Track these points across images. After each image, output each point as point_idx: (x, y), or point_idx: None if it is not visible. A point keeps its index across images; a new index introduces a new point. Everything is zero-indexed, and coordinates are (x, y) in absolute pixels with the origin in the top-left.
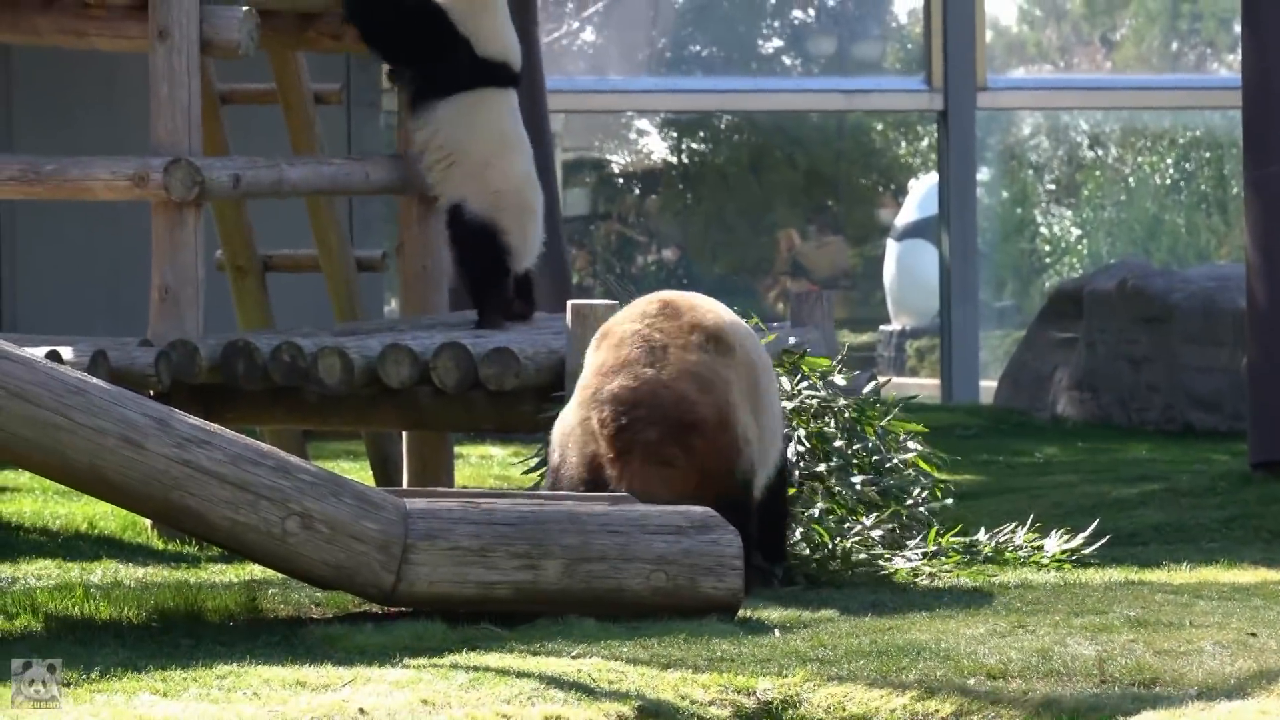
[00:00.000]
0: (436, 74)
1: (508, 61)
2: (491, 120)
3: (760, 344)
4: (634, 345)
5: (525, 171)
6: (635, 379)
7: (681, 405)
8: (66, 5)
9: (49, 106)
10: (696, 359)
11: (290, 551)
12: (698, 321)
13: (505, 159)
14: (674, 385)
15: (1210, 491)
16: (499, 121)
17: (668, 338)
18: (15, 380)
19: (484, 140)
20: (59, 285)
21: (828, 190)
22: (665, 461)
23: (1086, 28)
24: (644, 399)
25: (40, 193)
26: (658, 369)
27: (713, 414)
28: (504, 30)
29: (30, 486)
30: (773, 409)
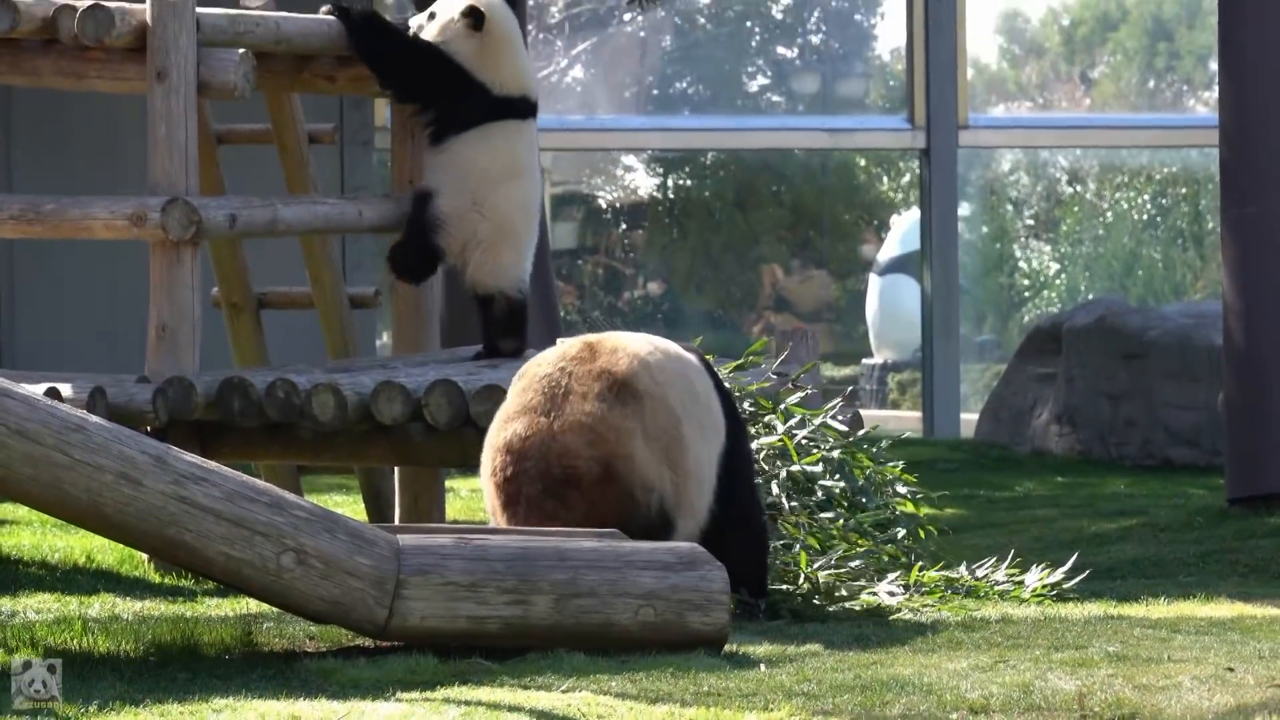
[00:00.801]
0: (454, 110)
1: (524, 93)
2: (509, 152)
3: (697, 382)
4: (538, 391)
5: (522, 200)
6: (529, 428)
7: (564, 459)
8: (66, 47)
9: (48, 146)
10: (591, 409)
11: (285, 587)
12: (607, 368)
13: (502, 189)
14: (561, 437)
15: (1188, 526)
16: (518, 153)
17: (574, 383)
18: (16, 417)
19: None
20: (57, 323)
21: (812, 226)
22: (548, 515)
23: (1065, 65)
24: (532, 450)
25: (40, 232)
26: (551, 418)
27: (596, 469)
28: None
29: (29, 520)
30: (701, 450)
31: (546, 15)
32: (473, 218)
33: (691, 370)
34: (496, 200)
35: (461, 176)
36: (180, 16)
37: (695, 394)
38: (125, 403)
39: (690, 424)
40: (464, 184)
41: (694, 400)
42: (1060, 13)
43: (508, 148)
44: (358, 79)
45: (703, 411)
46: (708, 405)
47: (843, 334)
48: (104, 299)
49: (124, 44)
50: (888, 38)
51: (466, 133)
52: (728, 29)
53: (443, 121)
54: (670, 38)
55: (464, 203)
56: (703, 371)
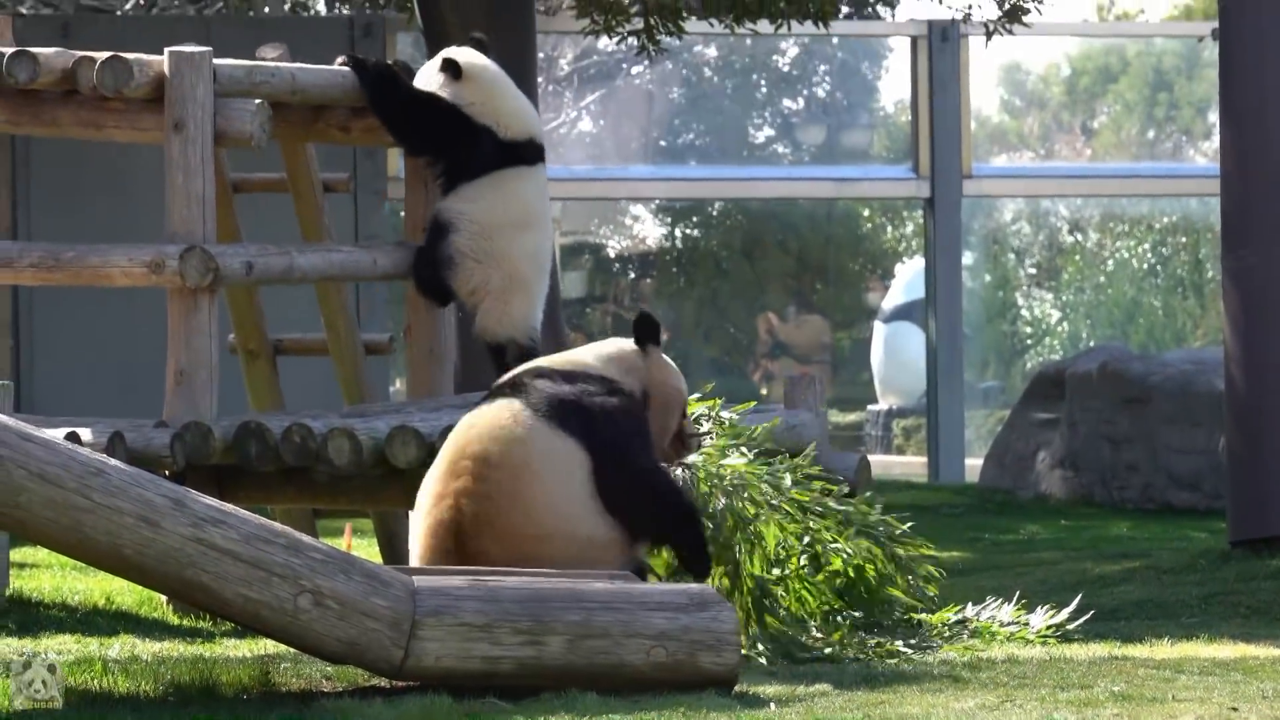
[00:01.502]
0: (463, 159)
1: (530, 137)
2: (520, 200)
3: (532, 447)
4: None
5: (533, 249)
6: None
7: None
8: (85, 98)
9: (66, 195)
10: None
11: (302, 628)
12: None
13: (516, 239)
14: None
15: (1190, 569)
16: (529, 200)
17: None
18: (37, 461)
19: (507, 223)
20: (77, 368)
21: (818, 274)
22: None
23: (1067, 116)
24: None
25: (60, 279)
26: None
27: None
28: (521, 107)
29: (49, 563)
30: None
31: (556, 68)
32: (485, 266)
33: (519, 443)
34: (509, 250)
35: (473, 225)
36: (197, 68)
37: (534, 456)
38: (144, 447)
39: (533, 480)
40: (476, 232)
41: (528, 464)
42: (1061, 64)
43: (518, 196)
44: (371, 129)
45: (535, 473)
46: (539, 464)
47: (848, 380)
48: (122, 345)
49: (142, 95)
50: (892, 90)
51: (477, 180)
52: (734, 81)
53: (453, 172)
54: (678, 89)
55: (476, 249)
56: (532, 432)
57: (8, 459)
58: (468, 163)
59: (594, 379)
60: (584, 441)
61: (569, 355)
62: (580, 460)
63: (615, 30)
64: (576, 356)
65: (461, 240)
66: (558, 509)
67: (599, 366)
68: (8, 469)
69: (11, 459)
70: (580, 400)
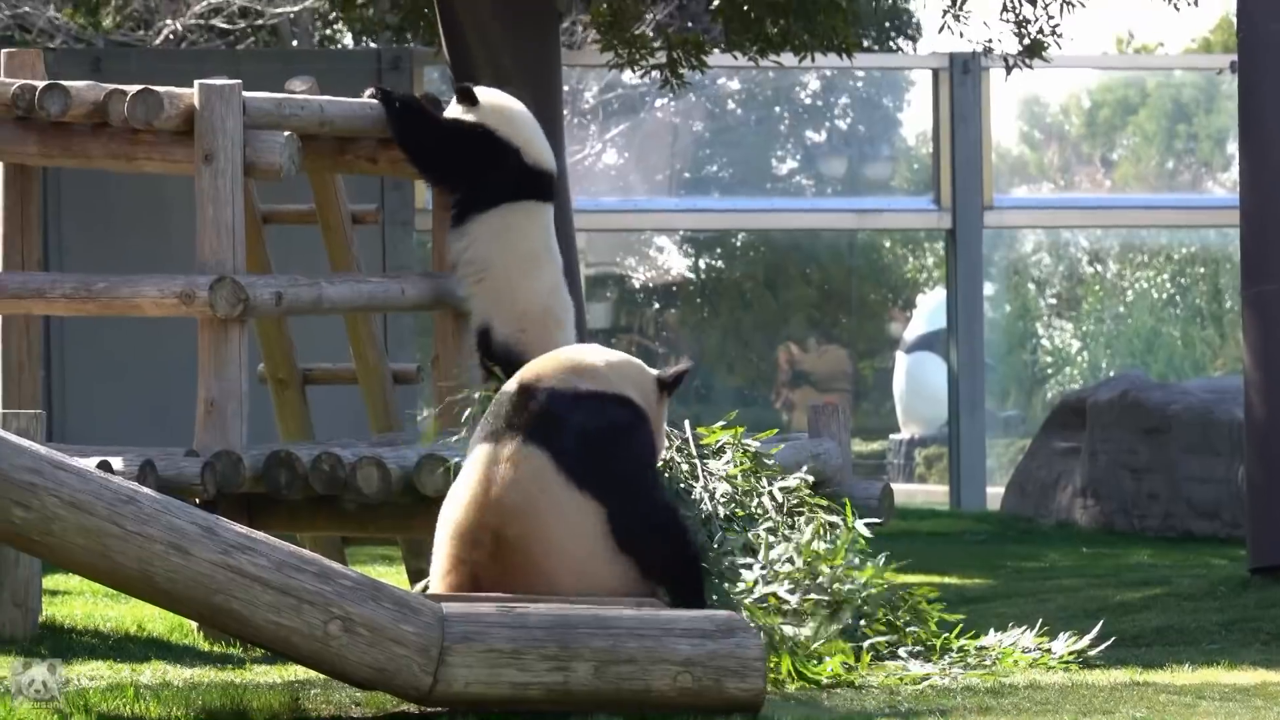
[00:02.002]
0: (483, 187)
1: (551, 170)
2: (523, 236)
3: (556, 520)
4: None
5: (553, 285)
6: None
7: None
8: (116, 130)
9: (96, 226)
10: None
11: (332, 654)
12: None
13: (532, 276)
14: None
15: (1210, 595)
16: (530, 238)
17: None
18: (69, 489)
19: (514, 257)
20: (108, 398)
21: (840, 305)
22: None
23: (1086, 148)
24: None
25: (91, 309)
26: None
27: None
28: (543, 139)
29: (81, 590)
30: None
31: (581, 101)
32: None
33: (539, 520)
34: (517, 288)
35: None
36: (227, 100)
37: (539, 499)
38: (175, 475)
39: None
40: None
41: (535, 507)
42: (1081, 97)
43: (537, 231)
44: (399, 161)
45: (551, 503)
46: (555, 496)
47: (870, 410)
48: (153, 375)
49: (172, 127)
50: (913, 122)
51: (497, 209)
52: (757, 114)
53: (467, 201)
54: (701, 122)
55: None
56: (552, 501)
57: (41, 487)
58: (486, 192)
59: (610, 398)
60: (600, 490)
61: (582, 359)
62: (597, 513)
63: (639, 64)
64: (588, 361)
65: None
66: (578, 573)
67: (614, 379)
68: (41, 497)
69: (45, 487)
70: (599, 438)
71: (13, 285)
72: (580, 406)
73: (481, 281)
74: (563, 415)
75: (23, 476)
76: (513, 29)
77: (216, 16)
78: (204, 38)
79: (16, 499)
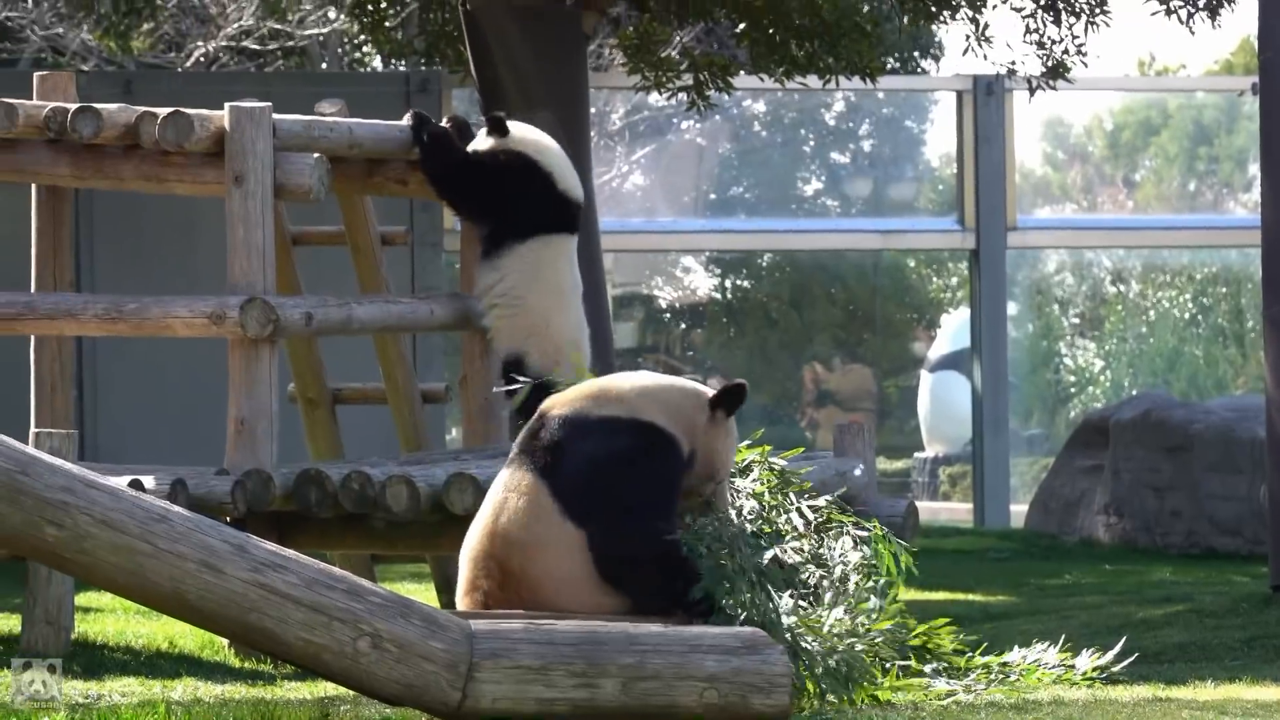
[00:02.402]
0: (517, 219)
1: (580, 201)
2: (555, 270)
3: (551, 552)
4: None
5: (579, 318)
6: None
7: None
8: (147, 152)
9: (128, 247)
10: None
11: (362, 670)
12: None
13: (565, 310)
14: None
15: (1232, 612)
16: (561, 271)
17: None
18: (101, 508)
19: (548, 290)
20: (140, 417)
21: (865, 324)
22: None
23: (1109, 169)
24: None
25: (123, 330)
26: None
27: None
28: (573, 171)
29: (113, 607)
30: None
31: (608, 123)
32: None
33: (536, 550)
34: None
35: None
36: (257, 122)
37: (535, 530)
38: (205, 494)
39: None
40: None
41: (533, 537)
42: (1104, 118)
43: (566, 263)
44: (428, 183)
45: (545, 534)
46: (548, 527)
47: (895, 428)
48: (184, 394)
49: (203, 149)
50: (937, 143)
51: (531, 240)
52: (783, 135)
53: (500, 234)
54: (727, 144)
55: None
56: (546, 528)
57: (74, 506)
58: (520, 223)
59: (623, 424)
60: (587, 519)
61: (608, 385)
62: (584, 543)
63: (666, 86)
64: (615, 387)
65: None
66: (577, 605)
67: (638, 404)
68: (73, 516)
69: (77, 506)
70: (599, 466)
71: (45, 306)
72: (586, 434)
73: (514, 315)
74: (566, 443)
75: (56, 495)
76: (541, 51)
77: (247, 39)
78: (234, 60)
79: (50, 517)
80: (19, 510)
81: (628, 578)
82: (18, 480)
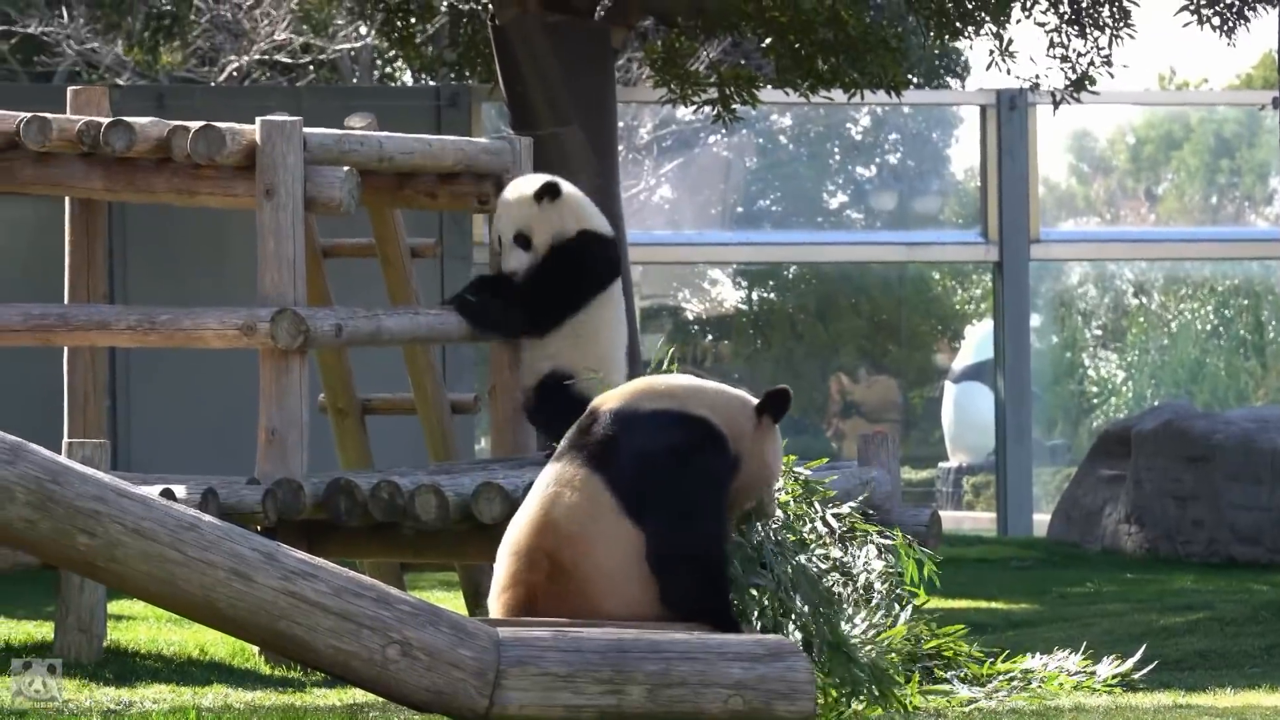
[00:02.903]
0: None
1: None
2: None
3: (606, 549)
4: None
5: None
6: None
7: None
8: (179, 166)
9: (159, 259)
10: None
11: (391, 677)
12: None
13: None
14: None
15: (1252, 620)
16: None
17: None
18: (133, 517)
19: (602, 351)
20: (171, 427)
21: (890, 335)
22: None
23: (1131, 182)
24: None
25: (155, 341)
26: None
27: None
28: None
29: (145, 615)
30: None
31: (636, 137)
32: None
33: (590, 545)
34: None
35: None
36: (288, 136)
37: (591, 525)
38: (236, 503)
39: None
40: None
41: (587, 532)
42: (1126, 132)
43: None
44: (457, 196)
45: (602, 529)
46: (606, 522)
47: (919, 439)
48: (215, 405)
49: (234, 162)
50: (961, 157)
51: (587, 307)
52: (808, 149)
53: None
54: (754, 157)
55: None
56: (603, 525)
57: (105, 515)
58: (578, 297)
59: (676, 416)
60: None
61: (657, 382)
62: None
63: (693, 100)
64: (663, 383)
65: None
66: (628, 600)
67: (687, 400)
68: (105, 524)
69: (109, 514)
70: (655, 459)
71: (79, 318)
72: (640, 427)
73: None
74: (621, 437)
75: (88, 504)
76: (569, 66)
77: (279, 54)
78: (266, 75)
79: (82, 526)
80: (51, 519)
81: (679, 577)
82: (50, 489)
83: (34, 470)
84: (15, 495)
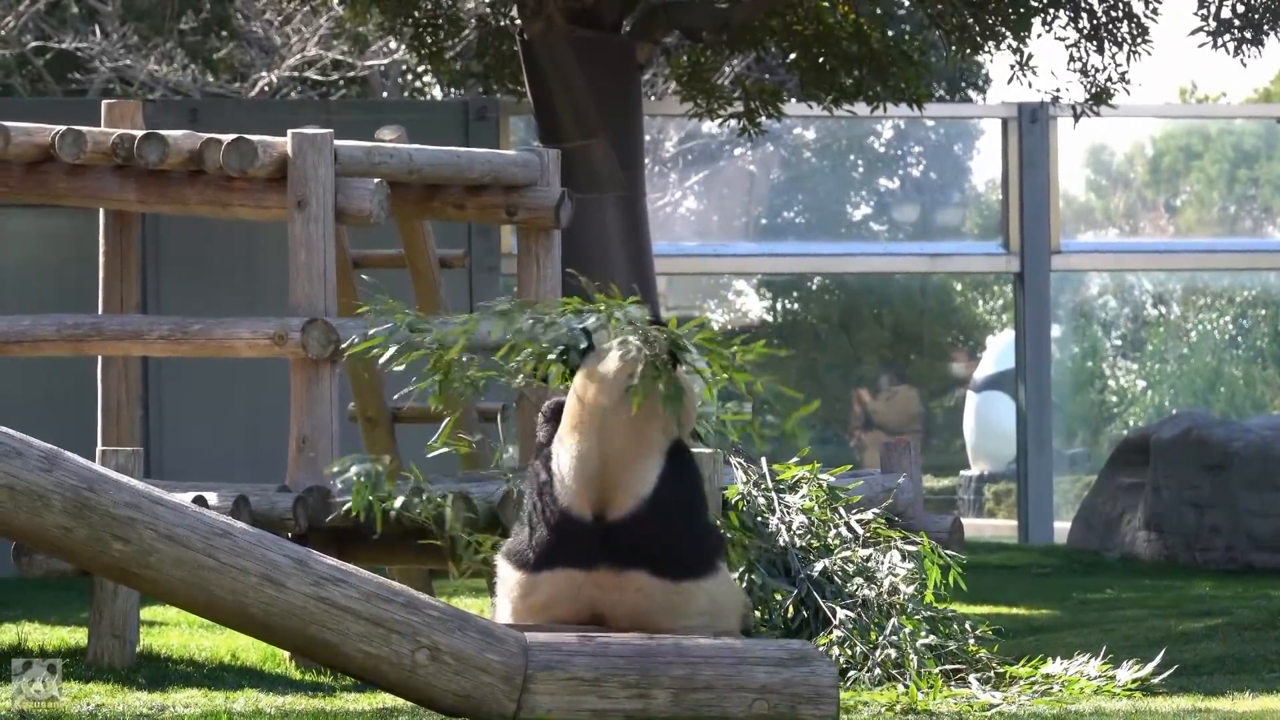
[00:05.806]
0: None
1: None
2: None
3: None
4: None
5: None
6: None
7: None
8: (212, 178)
9: (192, 270)
10: None
11: (420, 682)
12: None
13: None
14: None
15: (1270, 625)
16: None
17: None
18: (166, 523)
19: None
20: (203, 435)
21: (912, 345)
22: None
23: (1151, 194)
24: None
25: (187, 350)
26: None
27: None
28: None
29: (177, 621)
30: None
31: (661, 150)
32: None
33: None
34: None
35: None
36: (319, 148)
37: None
38: (267, 510)
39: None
40: None
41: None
42: (1145, 145)
43: None
44: (485, 207)
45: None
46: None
47: (941, 447)
48: (247, 413)
49: (266, 174)
50: (983, 170)
51: None
52: (832, 161)
53: None
54: (778, 169)
55: None
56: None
57: (139, 521)
58: None
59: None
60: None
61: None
62: None
63: (718, 113)
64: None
65: None
66: None
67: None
68: (139, 531)
69: (142, 521)
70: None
71: (113, 327)
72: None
73: None
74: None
75: (122, 511)
76: (596, 80)
77: (310, 69)
78: (297, 90)
79: (116, 533)
80: (87, 525)
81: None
82: (85, 496)
83: (70, 478)
84: (52, 503)
